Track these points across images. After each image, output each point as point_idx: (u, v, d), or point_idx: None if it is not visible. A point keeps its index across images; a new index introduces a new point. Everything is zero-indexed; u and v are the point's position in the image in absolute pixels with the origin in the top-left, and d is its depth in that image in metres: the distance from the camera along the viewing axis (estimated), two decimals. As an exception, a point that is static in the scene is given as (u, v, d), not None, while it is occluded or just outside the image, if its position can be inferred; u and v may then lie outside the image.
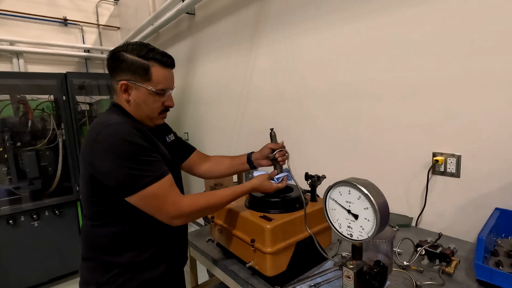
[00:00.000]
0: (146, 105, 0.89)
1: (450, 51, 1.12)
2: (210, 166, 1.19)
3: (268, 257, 0.85)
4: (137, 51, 0.85)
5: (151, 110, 0.90)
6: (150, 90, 0.87)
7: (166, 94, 0.91)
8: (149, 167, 0.79)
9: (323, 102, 1.61)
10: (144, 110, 0.90)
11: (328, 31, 1.52)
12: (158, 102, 0.90)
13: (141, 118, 0.92)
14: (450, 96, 1.14)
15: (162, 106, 0.92)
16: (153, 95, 0.88)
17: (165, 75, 0.88)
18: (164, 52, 0.90)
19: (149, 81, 0.86)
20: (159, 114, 0.93)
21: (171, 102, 0.94)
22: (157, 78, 0.87)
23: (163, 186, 0.80)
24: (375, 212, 0.59)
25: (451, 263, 0.92)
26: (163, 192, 0.80)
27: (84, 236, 0.90)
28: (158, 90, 0.88)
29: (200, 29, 2.57)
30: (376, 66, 1.34)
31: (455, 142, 1.15)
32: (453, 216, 1.19)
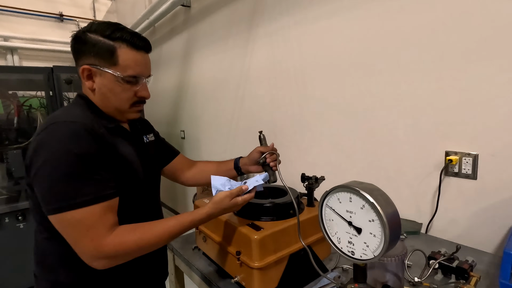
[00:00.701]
0: (114, 94, 0.75)
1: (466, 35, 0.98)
2: (195, 172, 1.08)
3: (255, 272, 0.73)
4: (102, 31, 0.72)
5: (120, 101, 0.76)
6: (118, 76, 0.73)
7: (139, 83, 0.77)
8: (82, 186, 0.63)
9: (324, 97, 1.48)
10: (111, 101, 0.76)
11: (331, 19, 1.39)
12: (128, 91, 0.76)
13: (109, 111, 0.78)
14: (466, 86, 1.00)
15: (134, 96, 0.78)
16: (121, 82, 0.74)
17: (135, 59, 0.75)
18: (136, 32, 0.77)
19: (115, 66, 0.73)
20: (131, 106, 0.79)
21: (146, 92, 0.80)
22: (125, 62, 0.73)
23: (90, 214, 0.63)
24: (383, 226, 0.46)
25: (470, 279, 0.79)
26: (86, 222, 0.62)
27: (34, 249, 0.76)
28: (127, 76, 0.74)
29: (196, 22, 2.46)
30: (382, 56, 1.21)
31: (472, 140, 1.02)
32: (468, 223, 1.06)
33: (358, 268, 0.54)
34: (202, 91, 2.52)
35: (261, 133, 0.97)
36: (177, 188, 3.33)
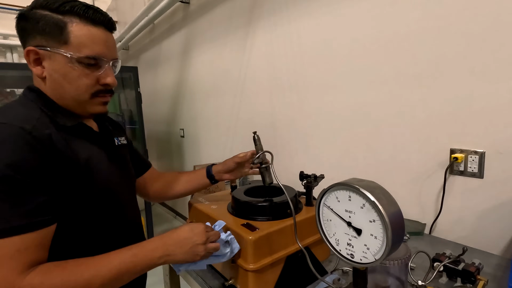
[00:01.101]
0: (68, 81, 0.61)
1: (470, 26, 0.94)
2: (162, 186, 0.96)
3: (250, 275, 0.69)
4: (49, 4, 0.59)
5: (77, 89, 0.62)
6: (71, 57, 0.59)
7: (101, 67, 0.63)
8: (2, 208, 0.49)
9: (325, 93, 1.44)
10: (66, 90, 0.62)
11: (331, 14, 1.35)
12: (87, 77, 0.62)
13: (66, 104, 0.64)
14: (471, 80, 0.96)
15: (96, 84, 0.64)
16: (76, 65, 0.60)
17: (92, 35, 0.60)
18: (91, 5, 0.62)
19: (66, 45, 0.59)
20: (92, 96, 0.64)
21: (111, 78, 0.65)
22: (78, 39, 0.59)
23: (2, 248, 0.48)
24: (385, 227, 0.42)
25: (477, 283, 0.75)
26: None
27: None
28: (83, 58, 0.60)
29: (195, 18, 2.43)
30: (385, 51, 1.17)
31: (478, 137, 0.97)
32: (474, 224, 1.01)
33: (358, 272, 0.51)
34: (201, 88, 2.49)
35: (255, 133, 0.93)
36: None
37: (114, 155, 0.72)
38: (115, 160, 0.72)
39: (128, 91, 2.64)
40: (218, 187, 1.70)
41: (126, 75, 2.57)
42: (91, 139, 0.67)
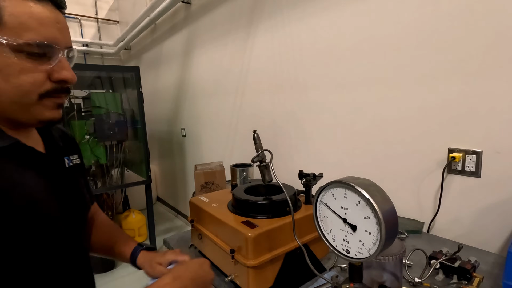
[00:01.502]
0: (3, 77, 0.44)
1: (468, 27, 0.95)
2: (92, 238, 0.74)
3: (250, 271, 0.71)
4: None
5: (18, 88, 0.45)
6: (7, 43, 0.43)
7: (52, 57, 0.47)
8: None
9: (325, 92, 1.45)
10: (2, 89, 0.44)
11: (332, 14, 1.37)
12: (32, 71, 0.46)
13: (2, 111, 0.47)
14: (470, 80, 0.97)
15: (46, 81, 0.48)
16: (15, 55, 0.44)
17: (36, 14, 0.45)
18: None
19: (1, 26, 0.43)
20: (40, 97, 0.47)
21: (67, 72, 0.49)
22: (16, 18, 0.43)
23: None
24: (379, 223, 0.44)
25: (473, 280, 0.76)
26: None
27: None
28: (25, 44, 0.44)
29: (196, 18, 2.44)
30: (385, 51, 1.18)
31: (476, 136, 0.99)
32: (472, 222, 1.03)
33: (354, 268, 0.52)
34: (203, 88, 2.50)
35: (255, 132, 0.95)
36: (178, 185, 3.32)
37: (59, 182, 0.55)
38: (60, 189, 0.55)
39: (130, 91, 2.66)
40: (219, 186, 1.71)
41: (128, 75, 2.59)
42: (30, 163, 0.50)
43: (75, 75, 0.51)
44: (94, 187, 2.58)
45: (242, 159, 1.85)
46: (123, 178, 2.77)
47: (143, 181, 2.57)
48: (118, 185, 2.70)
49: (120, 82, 2.80)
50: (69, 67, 0.50)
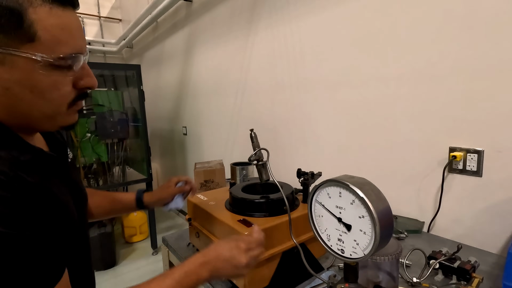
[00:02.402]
0: (38, 94, 0.43)
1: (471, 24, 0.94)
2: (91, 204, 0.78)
3: (246, 270, 0.70)
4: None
5: (51, 102, 0.45)
6: (43, 60, 0.41)
7: (74, 65, 0.46)
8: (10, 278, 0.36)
9: (325, 91, 1.44)
10: (33, 105, 0.44)
11: (333, 11, 1.35)
12: (63, 84, 0.45)
13: (27, 122, 0.46)
14: (472, 79, 0.96)
15: (73, 89, 0.47)
16: (49, 71, 0.43)
17: (65, 24, 0.43)
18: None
19: (32, 42, 0.41)
20: (69, 106, 0.48)
21: (92, 79, 0.49)
22: (49, 32, 0.41)
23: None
24: (374, 223, 0.43)
25: (472, 280, 0.76)
26: None
27: None
28: (59, 59, 0.43)
29: (197, 16, 2.44)
30: (385, 49, 1.17)
31: (477, 135, 0.97)
32: (472, 222, 1.01)
33: (349, 267, 0.51)
34: (204, 86, 2.50)
35: (252, 131, 0.94)
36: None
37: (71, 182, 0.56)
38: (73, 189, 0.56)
39: (131, 89, 2.67)
40: (218, 184, 1.71)
41: (130, 73, 2.59)
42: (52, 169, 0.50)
43: (96, 80, 0.51)
44: (96, 185, 2.59)
45: (242, 157, 1.85)
46: (125, 176, 2.78)
47: (144, 179, 2.58)
48: (120, 183, 2.71)
49: (122, 81, 2.81)
50: (92, 73, 0.50)
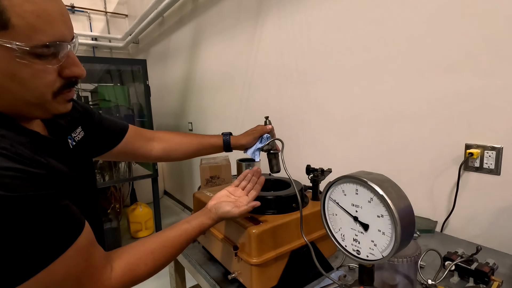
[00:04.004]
0: (18, 82, 0.43)
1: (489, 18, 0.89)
2: (167, 146, 0.87)
3: (253, 269, 0.68)
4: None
5: (33, 91, 0.45)
6: (19, 49, 0.41)
7: (59, 53, 0.45)
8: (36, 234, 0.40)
9: (334, 85, 1.40)
10: (15, 94, 0.44)
11: (342, 4, 1.31)
12: (46, 73, 0.45)
13: (15, 110, 0.47)
14: (490, 71, 0.91)
15: (57, 78, 0.47)
16: (28, 59, 0.42)
17: (44, 10, 0.42)
18: None
19: (6, 30, 0.40)
20: (54, 95, 0.47)
21: (78, 68, 0.49)
22: (25, 19, 0.40)
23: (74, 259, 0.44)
24: (394, 223, 0.40)
25: (491, 284, 0.72)
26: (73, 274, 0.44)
27: None
28: (38, 47, 0.42)
29: (204, 11, 2.40)
30: (397, 40, 1.12)
31: (496, 131, 0.93)
32: (489, 222, 0.97)
33: (364, 269, 0.48)
34: (210, 81, 2.47)
35: (267, 118, 0.91)
36: (184, 179, 3.32)
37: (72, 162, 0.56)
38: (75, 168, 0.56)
39: (137, 85, 2.66)
40: (224, 180, 1.69)
41: (136, 68, 2.58)
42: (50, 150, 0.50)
43: (84, 69, 0.50)
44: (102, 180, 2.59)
45: (248, 153, 1.82)
46: (131, 171, 2.78)
47: (149, 175, 2.58)
48: (126, 178, 2.71)
49: (128, 76, 2.80)
50: (78, 62, 0.49)
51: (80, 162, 0.61)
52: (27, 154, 0.42)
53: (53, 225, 0.42)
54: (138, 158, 0.87)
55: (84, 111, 0.70)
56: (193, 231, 0.62)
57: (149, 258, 0.55)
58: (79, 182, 0.55)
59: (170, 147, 0.88)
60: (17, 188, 0.38)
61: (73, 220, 0.46)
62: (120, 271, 0.51)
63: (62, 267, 0.42)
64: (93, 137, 0.70)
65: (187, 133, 0.93)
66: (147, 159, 0.88)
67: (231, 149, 0.91)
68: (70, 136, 0.61)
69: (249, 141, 0.89)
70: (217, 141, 0.91)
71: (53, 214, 0.42)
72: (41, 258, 0.40)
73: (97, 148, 0.75)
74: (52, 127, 0.57)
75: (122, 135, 0.80)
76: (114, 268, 0.50)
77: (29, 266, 0.40)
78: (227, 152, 0.94)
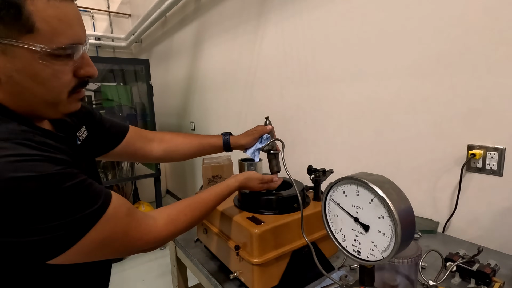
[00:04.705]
0: (39, 82, 0.46)
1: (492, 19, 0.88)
2: (167, 147, 0.89)
3: (255, 269, 0.68)
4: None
5: (52, 90, 0.48)
6: (42, 50, 0.43)
7: (74, 55, 0.48)
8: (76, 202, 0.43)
9: (336, 85, 1.40)
10: (35, 93, 0.47)
11: (346, 4, 1.31)
12: (64, 73, 0.48)
13: (31, 109, 0.49)
14: (493, 70, 0.91)
15: (73, 78, 0.50)
16: (48, 60, 0.45)
17: (63, 14, 0.45)
18: None
19: (31, 33, 0.43)
20: (69, 94, 0.50)
21: (91, 68, 0.52)
22: (48, 23, 0.43)
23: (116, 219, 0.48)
24: (395, 224, 0.40)
25: (493, 285, 0.72)
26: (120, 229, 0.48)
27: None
28: (58, 49, 0.45)
29: (206, 10, 2.41)
30: (400, 40, 1.12)
31: (498, 132, 0.92)
32: (491, 223, 0.97)
33: (365, 270, 0.49)
34: (212, 81, 2.48)
35: (267, 119, 0.91)
36: (187, 178, 3.33)
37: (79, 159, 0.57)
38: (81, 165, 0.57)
39: (140, 84, 2.67)
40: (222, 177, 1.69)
41: (138, 68, 2.59)
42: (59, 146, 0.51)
43: (96, 69, 0.53)
44: (105, 179, 2.61)
45: (250, 153, 1.83)
46: (133, 170, 2.80)
47: (152, 174, 2.59)
48: (128, 177, 2.73)
49: (131, 75, 2.81)
50: (91, 62, 0.52)
51: (85, 161, 0.64)
52: (51, 143, 0.45)
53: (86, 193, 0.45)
54: (139, 158, 0.89)
55: (86, 111, 0.71)
56: (221, 191, 0.71)
57: (187, 210, 0.62)
58: None
59: (170, 147, 0.90)
60: (46, 168, 0.41)
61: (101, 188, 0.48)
62: (163, 221, 0.56)
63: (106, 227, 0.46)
64: (95, 137, 0.72)
65: (188, 134, 0.95)
66: (148, 159, 0.90)
67: (231, 149, 0.93)
68: (77, 133, 0.64)
69: (248, 141, 0.91)
70: (217, 141, 0.92)
71: (83, 185, 0.45)
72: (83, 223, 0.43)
73: (99, 148, 0.77)
74: (59, 125, 0.60)
75: (123, 135, 0.81)
76: (156, 219, 0.55)
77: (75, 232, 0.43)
78: (228, 152, 0.95)
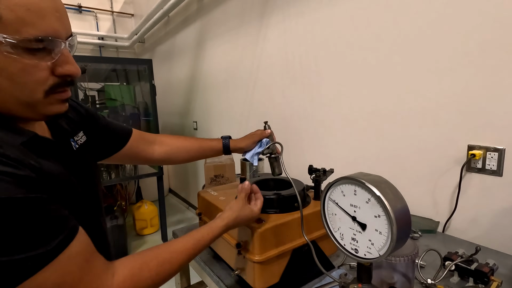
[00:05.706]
0: (6, 77, 0.42)
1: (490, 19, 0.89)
2: (168, 150, 0.89)
3: (256, 266, 0.70)
4: None
5: (22, 87, 0.44)
6: (7, 42, 0.40)
7: (53, 50, 0.45)
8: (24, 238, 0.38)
9: (337, 86, 1.41)
10: (5, 90, 0.43)
11: (346, 5, 1.31)
12: (36, 69, 0.44)
13: (7, 108, 0.45)
14: (493, 71, 0.91)
15: (50, 76, 0.46)
16: (16, 53, 0.41)
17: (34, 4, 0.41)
18: None
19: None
20: (47, 94, 0.46)
21: (72, 66, 0.47)
22: (14, 13, 0.40)
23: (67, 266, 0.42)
24: (390, 223, 0.41)
25: (490, 284, 0.73)
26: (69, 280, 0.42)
27: None
28: (26, 40, 0.41)
29: (209, 10, 2.42)
30: (399, 41, 1.13)
31: (498, 133, 0.93)
32: (491, 223, 0.98)
33: (363, 268, 0.50)
34: (215, 81, 2.49)
35: (266, 123, 0.93)
36: (189, 177, 3.35)
37: (74, 166, 0.55)
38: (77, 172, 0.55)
39: (143, 84, 2.69)
40: (228, 179, 1.71)
41: (141, 68, 2.61)
42: (47, 153, 0.48)
43: (79, 68, 0.48)
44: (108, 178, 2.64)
45: (252, 153, 1.84)
46: (137, 169, 2.82)
47: (155, 173, 2.61)
48: (131, 176, 2.75)
49: (134, 75, 2.84)
50: (73, 60, 0.48)
51: (83, 166, 0.60)
52: (16, 156, 0.40)
53: (42, 229, 0.40)
54: (140, 161, 0.88)
55: (88, 116, 0.69)
56: (201, 237, 0.60)
57: (153, 263, 0.51)
58: (81, 185, 0.54)
59: (171, 150, 0.90)
60: (4, 190, 0.37)
61: (64, 225, 0.43)
62: (122, 277, 0.47)
63: (54, 275, 0.40)
64: (97, 141, 0.70)
65: (188, 137, 0.95)
66: (149, 162, 0.90)
67: (230, 152, 0.94)
68: (73, 139, 0.60)
69: (248, 145, 0.92)
70: (217, 145, 0.93)
71: (42, 218, 0.40)
72: (29, 264, 0.38)
73: (101, 152, 0.76)
74: (55, 130, 0.57)
75: (127, 139, 0.80)
76: (116, 275, 0.47)
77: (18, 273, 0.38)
78: None
